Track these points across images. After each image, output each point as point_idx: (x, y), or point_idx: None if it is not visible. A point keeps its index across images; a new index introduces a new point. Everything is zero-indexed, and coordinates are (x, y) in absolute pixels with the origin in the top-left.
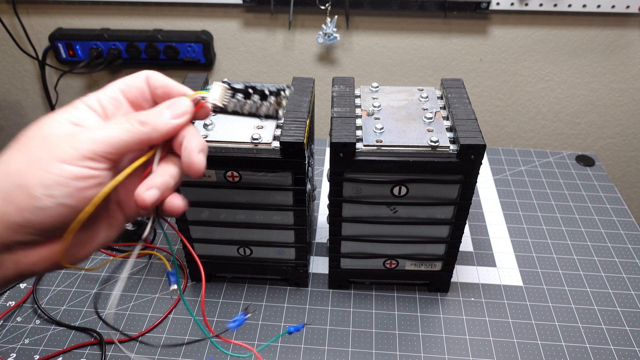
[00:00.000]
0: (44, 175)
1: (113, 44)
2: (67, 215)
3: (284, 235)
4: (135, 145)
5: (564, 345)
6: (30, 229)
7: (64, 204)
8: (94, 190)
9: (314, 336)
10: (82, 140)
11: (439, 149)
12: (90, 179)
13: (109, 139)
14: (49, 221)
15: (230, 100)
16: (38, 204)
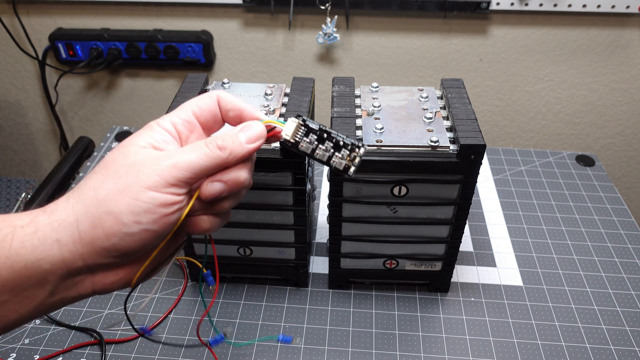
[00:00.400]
0: (132, 202)
1: (113, 44)
2: (150, 240)
3: (284, 235)
4: (213, 170)
5: (564, 345)
6: (115, 252)
7: (149, 230)
8: (176, 215)
9: (314, 336)
10: (166, 167)
11: (439, 149)
12: (174, 205)
13: (190, 164)
14: (132, 246)
15: (303, 140)
16: (126, 230)
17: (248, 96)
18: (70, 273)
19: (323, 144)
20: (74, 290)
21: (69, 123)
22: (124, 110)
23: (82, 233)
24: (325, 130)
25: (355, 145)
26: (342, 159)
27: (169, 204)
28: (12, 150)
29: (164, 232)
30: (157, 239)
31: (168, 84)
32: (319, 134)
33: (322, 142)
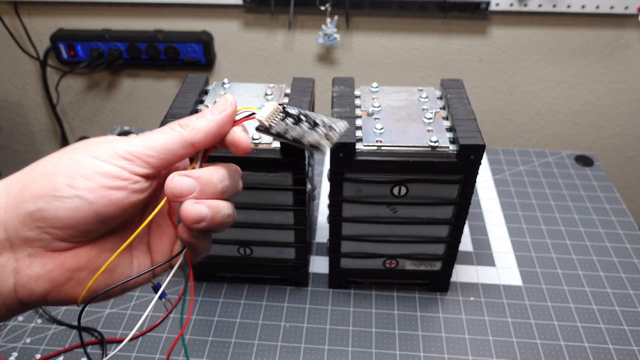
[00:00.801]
0: (70, 166)
1: (114, 45)
2: (84, 214)
3: (284, 235)
4: (176, 147)
5: (562, 344)
6: (40, 221)
7: (83, 198)
8: (120, 193)
9: (314, 336)
10: (121, 142)
11: (439, 149)
12: (118, 179)
13: (148, 141)
14: (61, 215)
15: (279, 123)
16: (56, 193)
17: (248, 96)
18: None
19: (298, 125)
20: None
21: (70, 123)
22: (125, 110)
23: (9, 197)
24: (305, 113)
25: (333, 122)
26: (318, 135)
27: (112, 176)
28: (12, 151)
29: (104, 211)
30: (95, 218)
31: (168, 84)
32: (296, 116)
33: (297, 123)
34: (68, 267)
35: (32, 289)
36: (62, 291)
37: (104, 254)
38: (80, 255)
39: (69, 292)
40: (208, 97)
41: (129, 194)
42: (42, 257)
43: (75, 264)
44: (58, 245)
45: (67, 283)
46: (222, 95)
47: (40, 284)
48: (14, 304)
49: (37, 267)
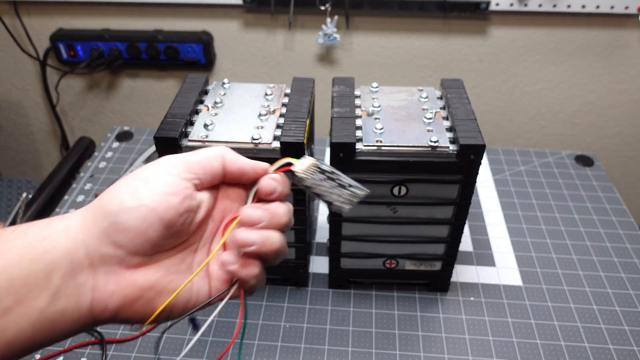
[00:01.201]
0: (133, 182)
1: (114, 45)
2: (149, 220)
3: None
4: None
5: (563, 344)
6: (114, 234)
7: (146, 205)
8: (176, 197)
9: (314, 336)
10: (172, 156)
11: (439, 149)
12: (172, 185)
13: (190, 154)
14: (131, 225)
15: (312, 177)
16: (124, 205)
17: (248, 96)
18: (73, 268)
19: (327, 182)
20: (73, 298)
21: (70, 123)
22: (125, 110)
23: (85, 219)
24: (333, 171)
25: (356, 187)
26: (342, 197)
27: (165, 183)
28: (13, 151)
29: (165, 215)
30: (160, 224)
31: (168, 84)
32: (328, 174)
33: (327, 180)
34: (139, 285)
35: (106, 305)
36: (132, 309)
37: (169, 275)
38: (150, 275)
39: (138, 311)
40: (208, 97)
41: (183, 199)
42: (117, 275)
43: (145, 282)
44: (132, 261)
45: (137, 301)
46: (222, 95)
47: (113, 300)
48: (87, 320)
49: (113, 284)
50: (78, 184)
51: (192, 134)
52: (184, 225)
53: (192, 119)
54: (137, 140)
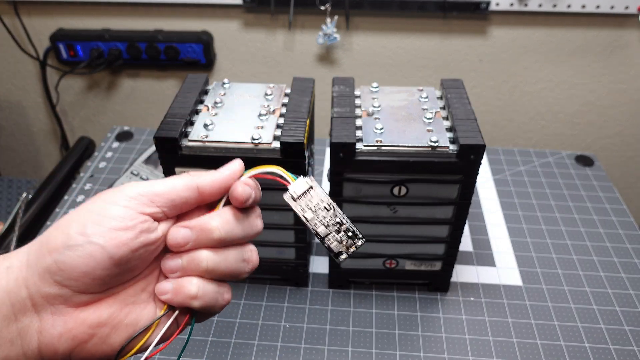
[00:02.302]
0: (83, 215)
1: (114, 45)
2: (97, 258)
3: (284, 235)
4: (181, 188)
5: (563, 344)
6: (58, 273)
7: (93, 242)
8: (129, 233)
9: (314, 336)
10: (133, 185)
11: (439, 149)
12: (127, 219)
13: (156, 182)
14: (77, 263)
15: (308, 205)
16: (69, 242)
17: (248, 96)
18: (14, 311)
19: (325, 215)
20: (17, 344)
21: (70, 123)
22: (125, 110)
23: (30, 256)
24: (332, 205)
25: (356, 235)
26: (339, 243)
27: (120, 217)
28: (13, 151)
29: (116, 252)
30: (109, 262)
31: (168, 84)
32: (324, 206)
33: (324, 212)
34: (89, 324)
35: (55, 348)
36: (85, 349)
37: (125, 308)
38: (101, 311)
39: (91, 350)
40: (208, 97)
41: (138, 234)
42: (64, 315)
43: (96, 319)
44: (79, 299)
45: (90, 340)
46: (222, 95)
47: (63, 342)
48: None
49: (60, 326)
50: (78, 184)
51: (192, 134)
52: (139, 260)
53: (192, 119)
54: (137, 140)
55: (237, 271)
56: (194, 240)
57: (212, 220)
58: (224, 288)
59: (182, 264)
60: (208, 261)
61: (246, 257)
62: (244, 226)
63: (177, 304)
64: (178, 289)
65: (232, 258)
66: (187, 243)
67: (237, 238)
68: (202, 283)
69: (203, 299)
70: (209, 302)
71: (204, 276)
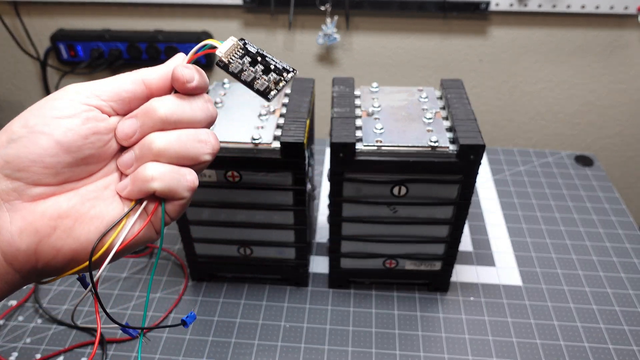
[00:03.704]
0: (25, 114)
1: (114, 45)
2: (43, 144)
3: (284, 235)
4: (125, 81)
5: (562, 344)
6: (5, 168)
7: (37, 131)
8: (75, 120)
9: (314, 336)
10: (75, 84)
11: (439, 149)
12: (70, 108)
13: (103, 80)
14: (22, 152)
15: (236, 60)
16: (12, 136)
17: (248, 96)
18: None
19: (254, 66)
20: None
21: None
22: None
23: None
24: (262, 54)
25: (285, 69)
26: (267, 82)
27: (63, 107)
28: None
29: (64, 139)
30: (58, 148)
31: None
32: (252, 56)
33: (254, 64)
34: (50, 215)
35: (17, 246)
36: (49, 243)
37: (87, 202)
38: (61, 203)
39: (57, 244)
40: None
41: (84, 120)
42: (22, 210)
43: (56, 211)
44: (34, 192)
45: (53, 233)
46: (222, 94)
47: (24, 238)
48: (8, 272)
49: (18, 221)
50: None
51: None
52: (93, 149)
53: None
54: None
55: (194, 152)
56: (140, 126)
57: (154, 101)
58: (184, 170)
59: (135, 155)
60: (159, 141)
61: (202, 138)
62: (192, 106)
63: (137, 191)
64: (135, 177)
65: (186, 138)
66: (134, 132)
67: (185, 118)
68: (157, 165)
69: (162, 179)
70: (170, 183)
71: (159, 160)
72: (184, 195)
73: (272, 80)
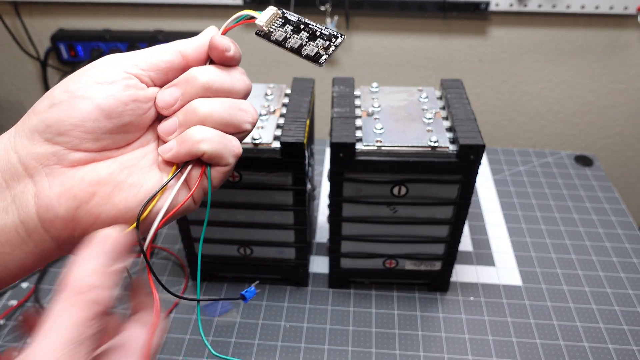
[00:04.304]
0: (64, 81)
1: (114, 45)
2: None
3: (284, 235)
4: (163, 52)
5: (562, 344)
6: (46, 132)
7: (78, 96)
8: (115, 87)
9: (314, 336)
10: (111, 56)
11: (439, 149)
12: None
13: (137, 52)
14: (63, 115)
15: (278, 29)
16: (54, 101)
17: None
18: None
19: (298, 34)
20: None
21: None
22: None
23: (17, 126)
24: (304, 22)
25: (332, 35)
26: (315, 47)
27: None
28: None
29: (104, 103)
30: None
31: None
32: (295, 24)
33: (297, 32)
34: (89, 181)
35: (55, 212)
36: (87, 210)
37: (125, 169)
38: (100, 169)
39: (94, 211)
40: None
41: (125, 87)
42: (60, 175)
43: (96, 177)
44: (73, 157)
45: (92, 199)
46: None
47: (63, 203)
48: (44, 239)
49: (57, 186)
50: None
51: None
52: (132, 117)
53: None
54: None
55: (237, 120)
56: (182, 94)
57: (194, 70)
58: (230, 136)
59: (178, 120)
60: (204, 106)
61: (243, 107)
62: (231, 76)
63: (185, 153)
64: (182, 138)
65: (228, 105)
66: (176, 100)
67: (225, 87)
68: (205, 128)
69: (211, 141)
70: (218, 147)
71: (205, 124)
72: (229, 161)
73: (321, 46)
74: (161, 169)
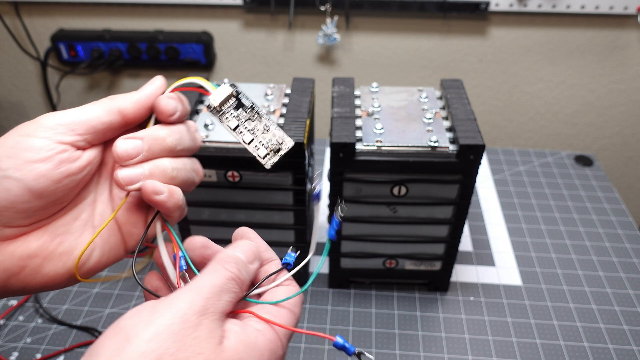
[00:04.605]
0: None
1: (114, 45)
2: (14, 192)
3: (284, 235)
4: (101, 113)
5: (562, 344)
6: None
7: (8, 176)
8: (47, 164)
9: (314, 336)
10: (49, 115)
11: (439, 149)
12: (44, 150)
13: (75, 110)
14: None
15: (230, 112)
16: None
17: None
18: None
19: (251, 124)
20: None
21: None
22: None
23: None
24: (257, 111)
25: (284, 137)
26: (266, 149)
27: (36, 148)
28: None
29: (35, 185)
30: (30, 195)
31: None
32: (249, 111)
33: (250, 121)
34: (19, 256)
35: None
36: (19, 279)
37: (57, 238)
38: (30, 242)
39: (26, 280)
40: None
41: (57, 164)
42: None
43: (25, 251)
44: (4, 233)
45: (22, 271)
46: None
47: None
48: None
49: None
50: None
51: None
52: (65, 190)
53: (193, 119)
54: None
55: (193, 180)
56: (147, 150)
57: (160, 130)
58: None
59: (144, 175)
60: (172, 169)
61: (195, 167)
62: (191, 136)
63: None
64: (172, 191)
65: (190, 167)
66: (138, 154)
67: (186, 148)
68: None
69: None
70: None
71: (170, 183)
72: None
73: (272, 149)
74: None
